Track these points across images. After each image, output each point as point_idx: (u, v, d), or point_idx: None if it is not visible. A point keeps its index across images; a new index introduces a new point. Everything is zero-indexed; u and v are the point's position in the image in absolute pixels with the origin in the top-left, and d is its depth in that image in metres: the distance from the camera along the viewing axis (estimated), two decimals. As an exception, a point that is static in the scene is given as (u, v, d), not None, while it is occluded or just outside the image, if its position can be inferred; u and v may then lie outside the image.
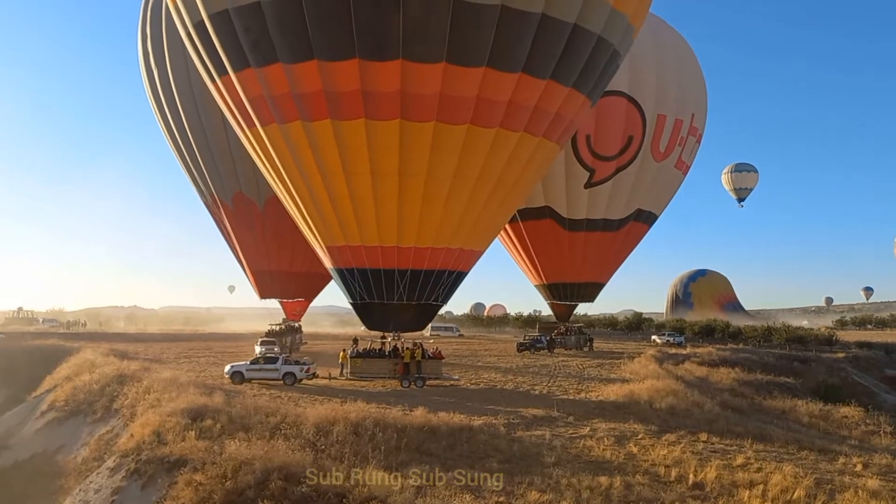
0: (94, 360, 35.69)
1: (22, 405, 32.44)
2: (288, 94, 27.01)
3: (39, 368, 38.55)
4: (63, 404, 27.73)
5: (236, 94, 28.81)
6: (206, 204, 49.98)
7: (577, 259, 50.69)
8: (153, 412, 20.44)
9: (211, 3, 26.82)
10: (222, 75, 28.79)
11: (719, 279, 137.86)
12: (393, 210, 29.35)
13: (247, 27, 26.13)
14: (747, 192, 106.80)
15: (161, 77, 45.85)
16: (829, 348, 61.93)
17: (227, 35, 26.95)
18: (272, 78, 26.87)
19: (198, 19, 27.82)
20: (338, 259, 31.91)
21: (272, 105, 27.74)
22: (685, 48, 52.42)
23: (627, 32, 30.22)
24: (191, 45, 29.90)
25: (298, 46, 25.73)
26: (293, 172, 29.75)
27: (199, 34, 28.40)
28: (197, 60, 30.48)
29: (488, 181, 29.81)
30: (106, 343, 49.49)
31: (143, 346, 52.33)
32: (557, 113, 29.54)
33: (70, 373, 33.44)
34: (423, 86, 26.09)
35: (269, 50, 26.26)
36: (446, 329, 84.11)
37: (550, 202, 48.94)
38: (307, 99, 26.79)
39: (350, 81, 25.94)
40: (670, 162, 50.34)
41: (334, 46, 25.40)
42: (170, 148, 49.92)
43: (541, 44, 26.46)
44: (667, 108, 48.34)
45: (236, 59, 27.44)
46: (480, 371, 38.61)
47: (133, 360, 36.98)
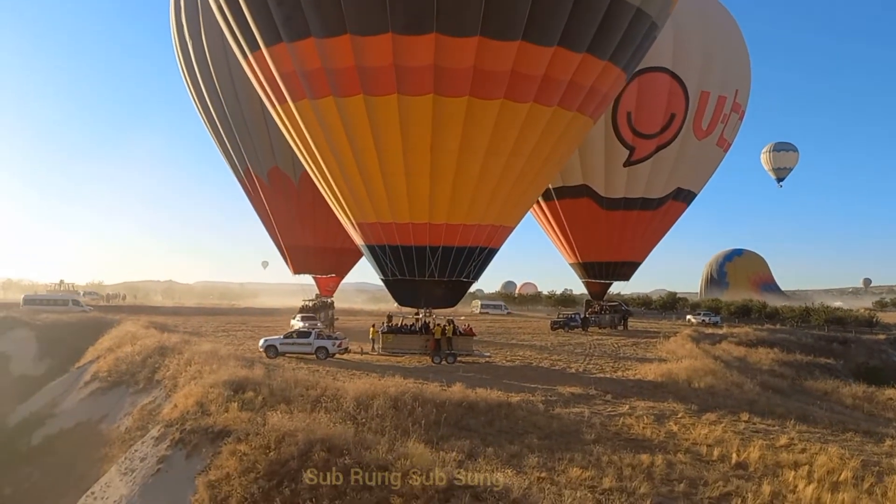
0: (136, 332, 36.40)
1: (66, 375, 33.22)
2: (320, 70, 26.86)
3: (81, 340, 39.38)
4: (106, 374, 28.31)
5: (268, 70, 28.75)
6: (240, 179, 50.16)
7: (613, 238, 50.14)
8: (196, 383, 20.73)
9: None
10: (254, 51, 28.74)
11: (755, 259, 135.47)
12: (425, 186, 29.22)
13: (280, 1, 25.99)
14: (787, 171, 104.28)
15: (196, 50, 45.81)
16: (870, 330, 60.73)
17: (260, 9, 26.84)
18: (304, 53, 26.72)
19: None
20: (369, 235, 31.91)
21: (304, 80, 27.64)
22: (730, 22, 51.05)
23: (666, 4, 29.61)
24: (223, 20, 29.85)
25: (331, 21, 25.50)
26: (324, 148, 29.71)
27: (231, 9, 28.33)
28: (229, 36, 30.44)
29: (521, 156, 29.54)
30: (145, 316, 50.26)
31: (181, 320, 53.19)
32: (592, 87, 29.07)
33: (112, 344, 34.13)
34: (456, 60, 25.78)
35: (301, 24, 26.08)
36: (495, 307, 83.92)
37: (588, 181, 48.31)
38: (339, 74, 26.63)
39: (383, 56, 25.72)
40: (712, 139, 49.34)
41: (367, 21, 25.17)
42: (203, 123, 50.02)
43: (578, 17, 25.95)
44: (710, 85, 47.19)
45: (268, 33, 27.32)
46: (515, 349, 38.58)
47: (173, 332, 37.57)
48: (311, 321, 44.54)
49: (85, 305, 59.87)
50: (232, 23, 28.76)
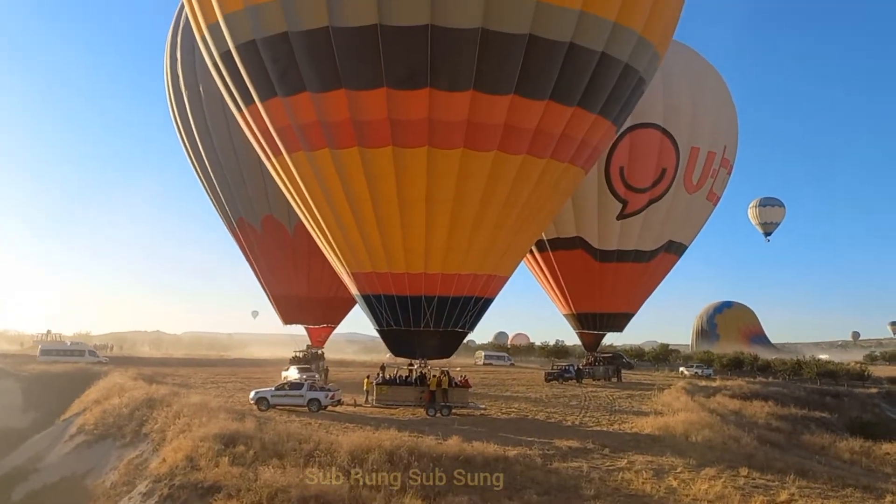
0: (123, 383, 35.80)
1: (51, 428, 32.52)
2: (315, 123, 27.18)
3: (68, 391, 38.66)
4: (92, 427, 27.74)
5: (263, 123, 29.09)
6: (231, 228, 50.03)
7: (606, 289, 50.37)
8: (185, 437, 20.28)
9: (238, 33, 27.09)
10: (249, 105, 29.11)
11: (745, 311, 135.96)
12: (420, 236, 29.30)
13: (275, 57, 26.40)
14: (774, 226, 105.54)
15: (191, 100, 46.16)
16: (861, 383, 60.57)
17: (255, 65, 27.22)
18: (300, 107, 27.08)
19: (224, 49, 28.11)
20: (364, 285, 31.81)
21: (299, 133, 27.96)
22: (718, 80, 52.62)
23: (653, 59, 30.29)
24: (217, 74, 30.28)
25: (327, 76, 25.92)
26: (320, 199, 29.89)
27: (225, 64, 28.72)
28: (224, 90, 30.88)
29: (515, 206, 29.81)
30: (133, 367, 49.53)
31: (170, 371, 52.45)
32: (584, 139, 29.58)
33: (99, 396, 33.51)
34: (450, 114, 26.18)
35: (296, 79, 26.47)
36: (498, 358, 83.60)
37: (582, 233, 48.84)
38: (335, 127, 26.96)
39: (378, 110, 26.09)
40: (702, 193, 50.24)
41: (362, 76, 25.59)
42: (194, 171, 49.98)
43: (568, 72, 26.53)
44: (700, 141, 48.38)
45: (263, 88, 27.70)
46: (510, 401, 38.13)
47: (161, 384, 36.95)
48: (308, 372, 43.97)
49: (101, 356, 59.95)
50: (227, 78, 29.15)
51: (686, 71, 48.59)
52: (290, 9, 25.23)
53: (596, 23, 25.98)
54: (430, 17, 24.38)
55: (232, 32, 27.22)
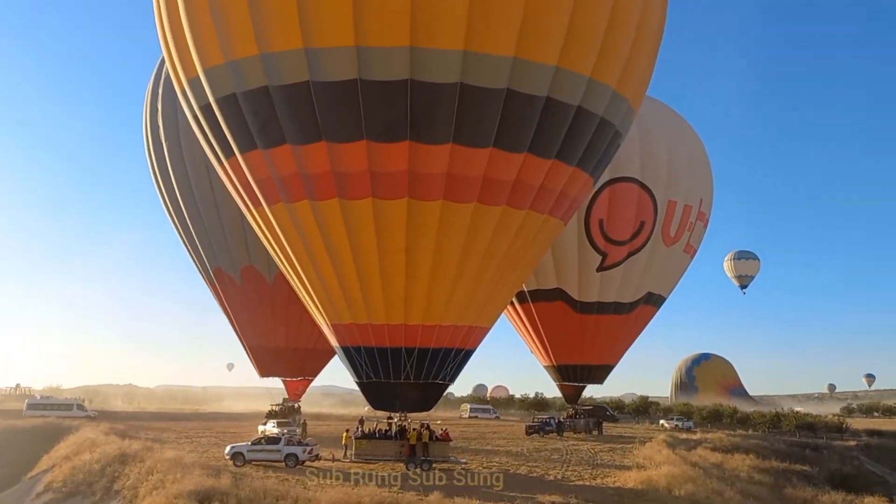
0: (95, 438, 34.74)
1: (18, 485, 31.42)
2: (296, 175, 27.36)
3: (36, 447, 37.41)
4: (61, 485, 26.82)
5: (243, 175, 29.21)
6: (208, 278, 49.43)
7: (587, 341, 50.53)
8: (158, 493, 19.66)
9: (218, 87, 27.33)
10: (229, 157, 29.26)
11: (723, 363, 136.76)
12: (400, 287, 29.24)
13: (255, 111, 26.65)
14: (749, 279, 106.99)
15: (171, 150, 46.01)
16: (840, 436, 60.56)
17: (235, 118, 27.43)
18: (280, 159, 27.25)
19: (204, 102, 28.34)
20: (344, 337, 31.54)
21: (279, 185, 28.10)
22: (693, 136, 54.25)
23: (628, 114, 31.04)
24: (197, 127, 30.45)
25: (307, 129, 26.16)
26: (300, 250, 29.86)
27: (205, 117, 28.93)
28: (203, 142, 31.04)
29: (495, 257, 29.93)
30: (105, 421, 48.22)
31: (143, 426, 51.08)
32: (562, 191, 30.00)
33: (69, 452, 32.46)
34: (430, 166, 26.46)
35: (277, 132, 26.70)
36: (484, 411, 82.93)
37: (562, 284, 49.19)
38: (315, 179, 27.14)
39: (358, 162, 26.30)
40: (679, 246, 51.05)
41: (343, 129, 25.85)
42: (171, 221, 49.60)
43: (546, 125, 27.02)
44: (677, 195, 49.44)
45: (243, 141, 27.87)
46: (490, 455, 37.54)
47: (134, 439, 35.94)
48: (289, 427, 43.11)
49: (89, 410, 59.19)
50: (207, 131, 29.34)
51: (662, 126, 49.89)
52: (270, 64, 25.54)
53: (572, 78, 26.61)
54: (410, 71, 24.77)
55: (212, 86, 27.47)
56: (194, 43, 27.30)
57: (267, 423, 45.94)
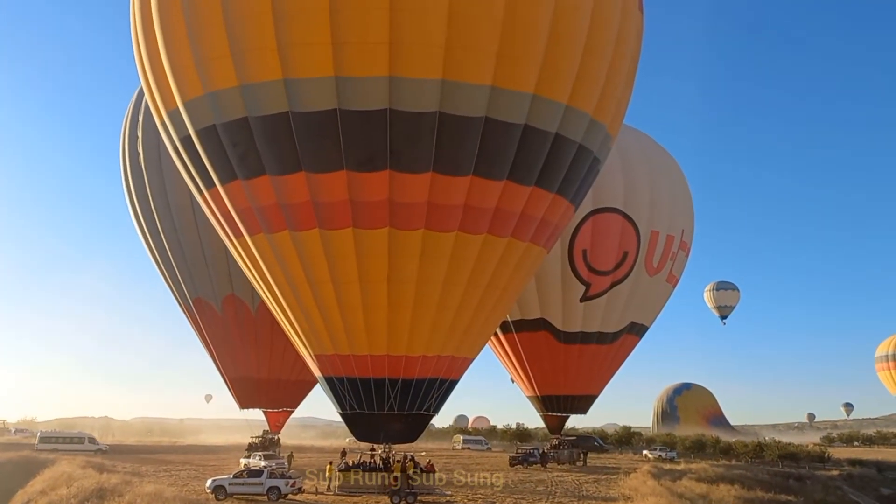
0: (72, 472, 33.89)
1: (-8, 521, 30.37)
2: (276, 205, 27.40)
3: (10, 482, 36.36)
4: (37, 521, 25.92)
5: (224, 206, 29.22)
6: (187, 308, 48.73)
7: (570, 371, 50.55)
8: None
9: (198, 119, 27.44)
10: (210, 188, 29.29)
11: (704, 393, 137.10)
12: (383, 318, 29.13)
13: (234, 142, 26.75)
14: (729, 309, 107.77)
15: (151, 179, 45.47)
16: (822, 465, 60.58)
17: (215, 149, 27.52)
18: (259, 190, 27.32)
19: (184, 134, 28.45)
20: (327, 368, 31.31)
21: (260, 215, 28.11)
22: (674, 166, 54.93)
23: (606, 140, 31.42)
24: (178, 159, 30.50)
25: (286, 159, 26.28)
26: (281, 281, 29.77)
27: (185, 148, 29.01)
28: (184, 173, 31.06)
29: (478, 286, 29.90)
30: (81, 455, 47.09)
31: (121, 459, 49.99)
32: (543, 218, 30.16)
33: (45, 486, 31.58)
34: (410, 195, 26.60)
35: (256, 163, 26.79)
36: (476, 442, 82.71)
37: (546, 315, 49.28)
38: (295, 209, 27.19)
39: (338, 192, 26.40)
40: (662, 276, 51.43)
41: (322, 159, 25.99)
42: (147, 250, 48.95)
43: (524, 153, 27.30)
44: (659, 225, 49.93)
45: (223, 172, 27.94)
46: (475, 487, 36.90)
47: (112, 472, 35.09)
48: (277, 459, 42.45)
49: (101, 444, 59.65)
50: (187, 162, 29.42)
51: (644, 157, 50.58)
52: (249, 95, 25.69)
53: (548, 105, 26.97)
54: (389, 101, 25.02)
55: (192, 118, 27.59)
56: (173, 75, 27.45)
57: (251, 457, 45.05)
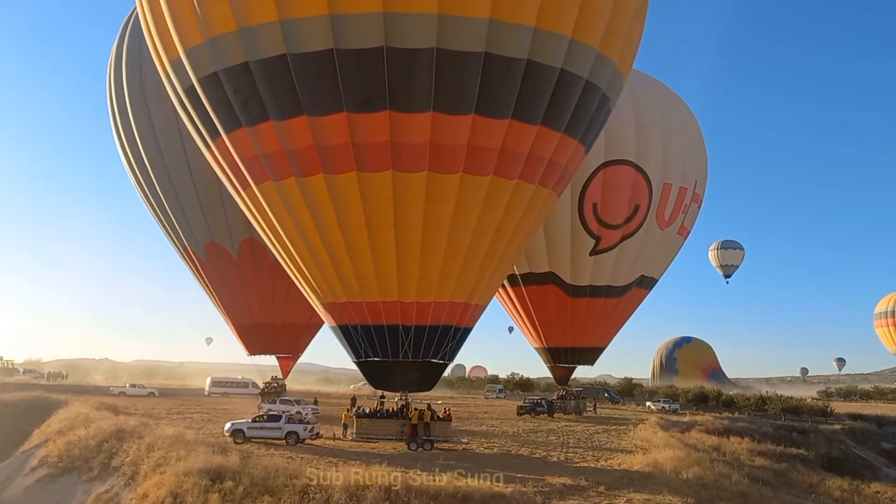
0: (88, 413, 34.02)
1: (9, 460, 30.72)
2: (280, 151, 27.47)
3: (26, 421, 36.54)
4: (56, 460, 26.49)
5: (230, 156, 29.35)
6: (192, 253, 48.25)
7: (578, 324, 50.52)
8: (165, 471, 18.99)
9: (200, 66, 27.54)
10: (215, 138, 29.43)
11: (703, 347, 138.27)
12: (392, 263, 29.21)
13: (236, 88, 26.84)
14: (733, 268, 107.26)
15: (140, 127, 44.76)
16: (825, 419, 60.97)
17: (218, 97, 27.63)
18: (263, 136, 27.39)
19: (188, 84, 28.60)
20: (340, 316, 31.42)
21: (266, 163, 28.23)
22: (689, 115, 53.61)
23: (616, 77, 30.66)
24: (183, 111, 30.70)
25: (287, 104, 26.31)
26: (290, 229, 29.97)
27: (190, 99, 29.20)
28: (191, 127, 31.23)
29: (487, 231, 29.75)
30: (92, 397, 47.23)
31: (131, 401, 50.49)
32: (551, 159, 29.69)
33: (63, 426, 31.86)
34: (411, 136, 26.44)
35: (259, 108, 26.88)
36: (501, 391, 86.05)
37: (554, 268, 48.89)
38: (299, 155, 27.25)
39: (339, 135, 26.35)
40: (674, 229, 50.88)
41: (322, 102, 25.97)
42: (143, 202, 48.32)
43: (528, 89, 26.82)
44: (672, 177, 49.03)
45: (228, 120, 28.05)
46: (488, 436, 37.28)
47: (129, 415, 35.09)
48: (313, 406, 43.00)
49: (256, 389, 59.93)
50: (192, 113, 29.61)
51: (658, 106, 49.49)
52: (248, 38, 25.68)
53: (551, 39, 26.40)
54: (385, 38, 24.76)
55: (194, 66, 27.70)
56: (174, 24, 27.54)
57: (276, 402, 44.83)
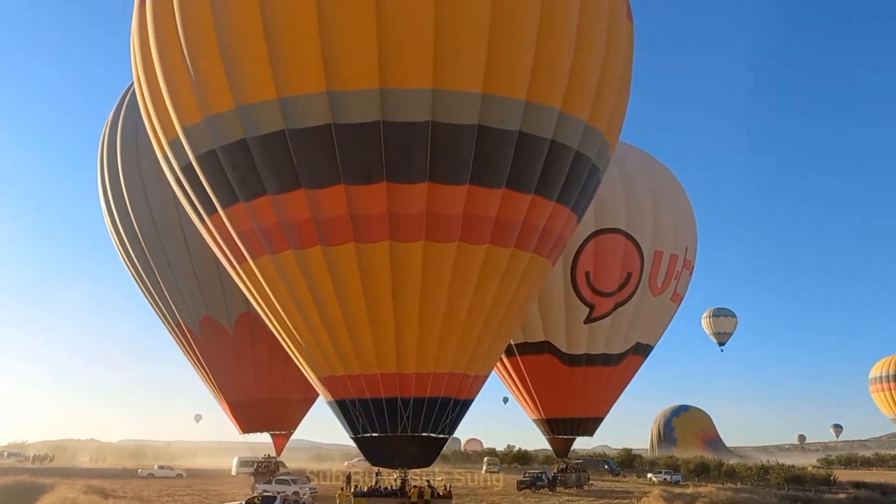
0: (76, 498, 32.89)
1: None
2: (277, 225, 27.80)
3: (10, 508, 35.27)
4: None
5: (226, 231, 29.64)
6: (172, 332, 47.62)
7: (576, 394, 50.23)
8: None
9: (198, 144, 28.09)
10: (211, 214, 29.78)
11: (701, 415, 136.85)
12: (390, 334, 29.12)
13: (234, 164, 27.36)
14: (727, 336, 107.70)
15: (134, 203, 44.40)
16: (828, 489, 59.91)
17: (215, 174, 28.07)
18: (261, 210, 27.75)
19: (186, 162, 29.08)
20: (337, 390, 31.29)
21: (262, 237, 28.47)
22: (675, 183, 55.06)
23: (604, 148, 31.62)
24: (180, 189, 31.06)
25: (285, 177, 26.78)
26: (287, 303, 29.93)
27: (187, 177, 29.60)
28: (187, 204, 31.59)
29: (484, 300, 29.86)
30: (79, 479, 45.91)
31: (119, 484, 48.87)
32: (545, 228, 30.24)
33: (49, 513, 30.53)
34: (409, 206, 26.90)
35: (256, 183, 27.32)
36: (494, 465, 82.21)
37: (550, 337, 49.02)
38: (296, 227, 27.56)
39: (337, 207, 26.79)
40: (667, 295, 51.35)
41: (320, 175, 26.49)
42: (132, 277, 47.90)
43: (521, 160, 27.52)
44: (663, 244, 49.90)
45: (225, 196, 28.45)
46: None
47: (118, 498, 34.07)
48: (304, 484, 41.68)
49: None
50: (189, 190, 29.96)
51: (645, 175, 50.86)
52: (246, 116, 26.33)
53: (542, 111, 27.30)
54: (381, 112, 25.51)
55: (192, 144, 28.23)
56: (172, 103, 28.16)
57: (272, 481, 43.51)
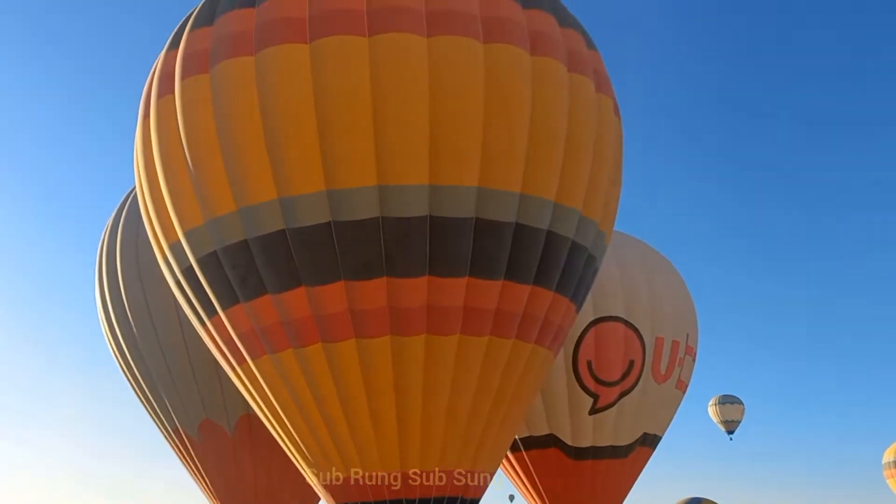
0: None
1: None
2: (277, 324, 27.48)
3: None
4: None
5: (226, 333, 29.14)
6: (169, 438, 46.44)
7: (585, 489, 48.22)
8: None
9: (199, 247, 28.06)
10: (212, 316, 29.35)
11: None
12: (392, 430, 28.18)
13: (234, 264, 27.25)
14: (735, 424, 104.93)
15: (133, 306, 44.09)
16: None
17: (215, 275, 27.88)
18: (261, 310, 27.46)
19: (186, 265, 28.90)
20: (339, 494, 29.92)
21: (263, 336, 28.02)
22: (671, 270, 55.06)
23: (599, 237, 31.64)
24: (180, 292, 30.70)
25: (285, 276, 26.72)
26: (287, 403, 29.09)
27: (187, 280, 29.36)
28: (187, 307, 31.19)
29: (487, 392, 29.08)
30: None
31: None
32: (545, 318, 29.83)
33: None
34: (409, 300, 26.79)
35: (256, 283, 27.15)
36: None
37: (555, 430, 47.69)
38: (297, 325, 27.28)
39: (338, 303, 26.69)
40: (671, 383, 50.37)
41: (320, 272, 26.45)
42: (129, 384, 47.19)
43: (518, 251, 27.64)
44: (663, 331, 49.41)
45: (225, 297, 28.17)
46: None
47: None
48: None
49: None
50: (189, 294, 29.63)
51: (641, 263, 50.81)
52: (247, 217, 26.56)
53: (537, 203, 27.61)
54: (380, 209, 25.91)
55: (193, 247, 28.21)
56: (174, 207, 28.29)
57: None
